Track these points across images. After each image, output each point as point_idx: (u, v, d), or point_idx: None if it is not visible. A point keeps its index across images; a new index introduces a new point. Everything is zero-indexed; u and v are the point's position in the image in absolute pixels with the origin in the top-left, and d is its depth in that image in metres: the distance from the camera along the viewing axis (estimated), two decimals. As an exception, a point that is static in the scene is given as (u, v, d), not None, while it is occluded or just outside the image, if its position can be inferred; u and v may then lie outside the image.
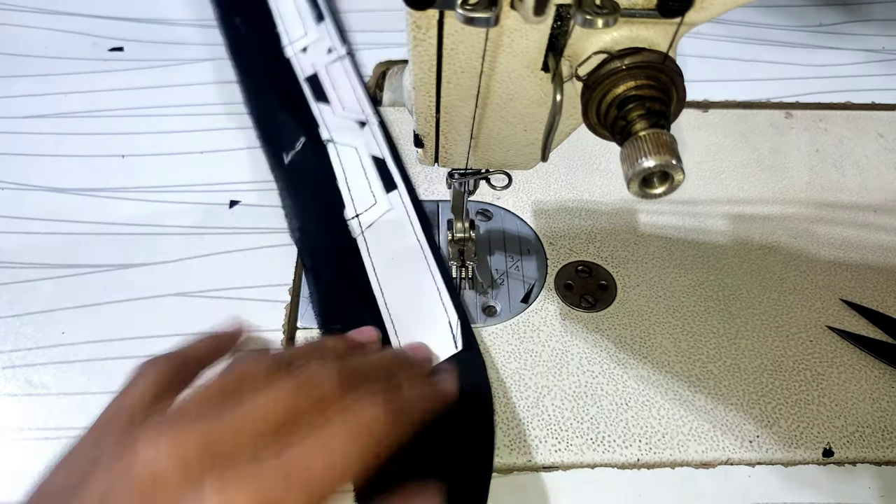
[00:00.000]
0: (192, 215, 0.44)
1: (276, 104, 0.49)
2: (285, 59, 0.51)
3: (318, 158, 0.45)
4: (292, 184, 0.45)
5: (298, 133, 0.47)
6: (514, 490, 0.34)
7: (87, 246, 0.42)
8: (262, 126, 0.48)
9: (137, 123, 0.49)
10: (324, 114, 0.48)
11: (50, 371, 0.37)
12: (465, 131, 0.30)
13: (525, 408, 0.36)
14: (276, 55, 0.52)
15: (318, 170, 0.45)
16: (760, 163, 0.48)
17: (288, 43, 0.52)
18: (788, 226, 0.45)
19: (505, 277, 0.42)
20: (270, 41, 0.53)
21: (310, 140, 0.46)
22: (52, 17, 0.57)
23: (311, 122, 0.47)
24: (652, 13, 0.22)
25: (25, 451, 0.35)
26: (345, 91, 0.49)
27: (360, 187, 0.44)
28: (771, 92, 0.53)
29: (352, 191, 0.44)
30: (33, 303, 0.40)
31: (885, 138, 0.50)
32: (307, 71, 0.51)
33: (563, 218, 0.44)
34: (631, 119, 0.22)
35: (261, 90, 0.50)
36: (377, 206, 0.43)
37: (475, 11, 0.20)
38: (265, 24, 0.54)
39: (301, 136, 0.46)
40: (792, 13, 0.60)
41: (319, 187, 0.44)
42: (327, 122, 0.48)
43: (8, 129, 0.49)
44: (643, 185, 0.22)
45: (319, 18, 0.54)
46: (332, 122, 0.48)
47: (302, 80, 0.50)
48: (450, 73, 0.25)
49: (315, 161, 0.45)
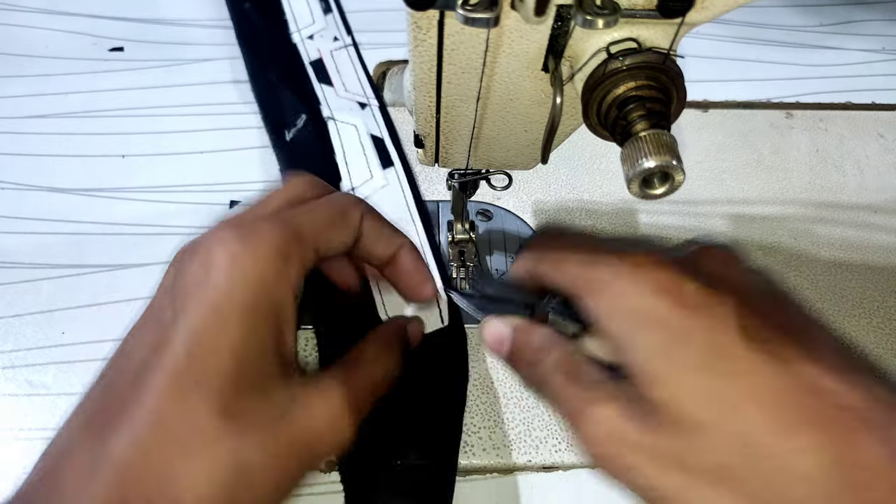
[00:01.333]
0: (192, 215, 0.44)
1: (279, 84, 0.50)
2: (292, 44, 0.53)
3: (319, 135, 0.47)
4: (293, 161, 0.46)
5: (301, 111, 0.48)
6: (514, 490, 0.34)
7: (87, 246, 0.42)
8: (265, 105, 0.49)
9: (137, 123, 0.49)
10: (326, 94, 0.49)
11: (50, 371, 0.37)
12: (465, 132, 0.30)
13: (525, 408, 0.36)
14: (283, 39, 0.53)
15: (319, 146, 0.46)
16: (760, 163, 0.48)
17: (295, 29, 0.54)
18: (788, 226, 0.45)
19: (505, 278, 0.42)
20: (278, 26, 0.54)
21: (311, 117, 0.48)
22: (52, 17, 0.57)
23: (313, 100, 0.49)
24: (652, 13, 0.22)
25: (25, 451, 0.35)
26: (348, 76, 0.51)
27: (357, 163, 0.45)
28: (771, 92, 0.53)
29: (349, 165, 0.45)
30: (33, 303, 0.40)
31: (886, 138, 0.50)
32: (313, 55, 0.52)
33: (563, 218, 0.44)
34: (631, 119, 0.22)
35: (265, 70, 0.51)
36: (373, 181, 0.44)
37: (475, 12, 0.20)
38: (274, 10, 0.55)
39: (303, 114, 0.48)
40: (792, 13, 0.60)
41: (319, 162, 0.46)
42: (329, 101, 0.49)
43: (8, 129, 0.49)
44: (643, 186, 0.22)
45: (327, 10, 0.55)
46: (335, 101, 0.49)
47: (307, 64, 0.51)
48: (450, 74, 0.25)
49: (315, 137, 0.47)
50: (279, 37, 0.53)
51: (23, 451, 0.35)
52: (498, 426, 0.35)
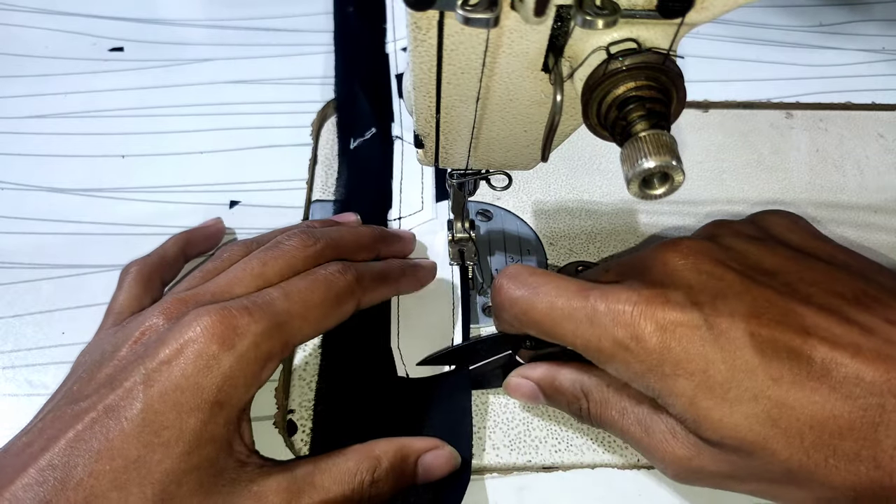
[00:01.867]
0: (192, 215, 0.44)
1: (360, 91, 0.49)
2: (385, 53, 0.53)
3: (382, 153, 0.46)
4: (352, 171, 0.46)
5: (371, 123, 0.47)
6: (514, 490, 0.34)
7: (87, 246, 0.42)
8: (342, 108, 0.49)
9: (137, 123, 0.49)
10: (403, 111, 0.49)
11: (50, 371, 0.37)
12: (465, 132, 0.30)
13: (525, 408, 0.36)
14: (376, 47, 0.53)
15: (380, 164, 0.46)
16: (761, 163, 0.48)
17: (392, 39, 0.53)
18: (788, 226, 0.45)
19: (505, 277, 0.41)
20: (376, 33, 0.54)
21: (380, 132, 0.47)
22: (52, 17, 0.57)
23: (387, 116, 0.48)
24: (652, 14, 0.22)
25: (25, 451, 0.35)
26: None
27: (412, 191, 0.45)
28: (771, 92, 0.53)
29: (403, 193, 0.44)
30: (33, 303, 0.40)
31: (886, 138, 0.50)
32: (401, 68, 0.52)
33: (564, 218, 0.44)
34: (631, 120, 0.22)
35: (350, 75, 0.51)
36: (421, 213, 0.44)
37: (475, 12, 0.20)
38: (375, 17, 0.55)
39: (372, 127, 0.47)
40: (792, 13, 0.60)
41: (375, 179, 0.45)
42: (403, 120, 0.48)
43: (8, 129, 0.49)
44: (643, 186, 0.22)
45: None
46: (408, 120, 0.48)
47: (393, 76, 0.51)
48: (450, 74, 0.25)
49: (378, 154, 0.46)
50: (374, 45, 0.53)
51: (23, 451, 0.35)
52: (497, 426, 0.35)
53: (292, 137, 0.49)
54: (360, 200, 0.44)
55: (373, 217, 0.43)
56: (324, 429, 0.35)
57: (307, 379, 0.37)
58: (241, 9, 0.58)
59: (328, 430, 0.35)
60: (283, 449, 0.34)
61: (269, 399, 0.36)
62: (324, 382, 0.36)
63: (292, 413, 0.36)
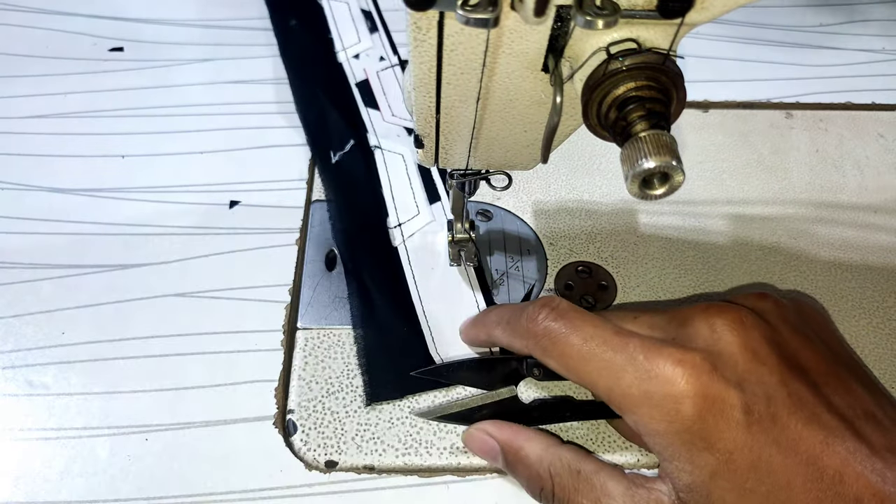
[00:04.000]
0: (192, 215, 0.44)
1: (327, 104, 0.49)
2: (337, 63, 0.53)
3: (365, 163, 0.46)
4: (338, 184, 0.45)
5: (348, 135, 0.47)
6: (514, 490, 0.34)
7: (87, 246, 0.42)
8: (311, 125, 0.49)
9: (137, 123, 0.49)
10: (373, 119, 0.49)
11: (50, 371, 0.37)
12: (465, 132, 0.30)
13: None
14: (328, 58, 0.53)
15: (365, 174, 0.46)
16: (760, 163, 0.48)
17: (341, 48, 0.54)
18: (788, 226, 0.45)
19: (505, 278, 0.42)
20: (324, 44, 0.54)
21: (358, 144, 0.47)
22: (52, 17, 0.57)
23: (360, 126, 0.48)
24: (652, 14, 0.22)
25: (25, 451, 0.35)
26: (395, 98, 0.50)
27: (404, 196, 0.45)
28: (771, 92, 0.53)
29: (396, 199, 0.45)
30: (33, 303, 0.40)
31: (885, 138, 0.50)
32: (359, 76, 0.52)
33: (564, 218, 0.44)
34: (631, 120, 0.22)
35: (311, 89, 0.51)
36: (419, 217, 0.44)
37: (475, 12, 0.20)
38: (320, 28, 0.55)
39: (350, 139, 0.47)
40: (792, 13, 0.60)
41: (364, 192, 0.45)
42: (376, 127, 0.48)
43: (8, 129, 0.49)
44: (643, 186, 0.22)
45: (373, 29, 0.55)
46: (381, 127, 0.48)
47: (353, 85, 0.51)
48: (450, 74, 0.25)
49: (362, 165, 0.46)
50: (324, 56, 0.53)
51: (23, 452, 0.35)
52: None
53: (292, 137, 0.49)
54: (358, 211, 0.44)
55: (373, 226, 0.43)
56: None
57: (307, 379, 0.37)
58: (240, 9, 0.58)
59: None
60: (284, 449, 0.34)
61: (270, 399, 0.36)
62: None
63: (292, 413, 0.36)
